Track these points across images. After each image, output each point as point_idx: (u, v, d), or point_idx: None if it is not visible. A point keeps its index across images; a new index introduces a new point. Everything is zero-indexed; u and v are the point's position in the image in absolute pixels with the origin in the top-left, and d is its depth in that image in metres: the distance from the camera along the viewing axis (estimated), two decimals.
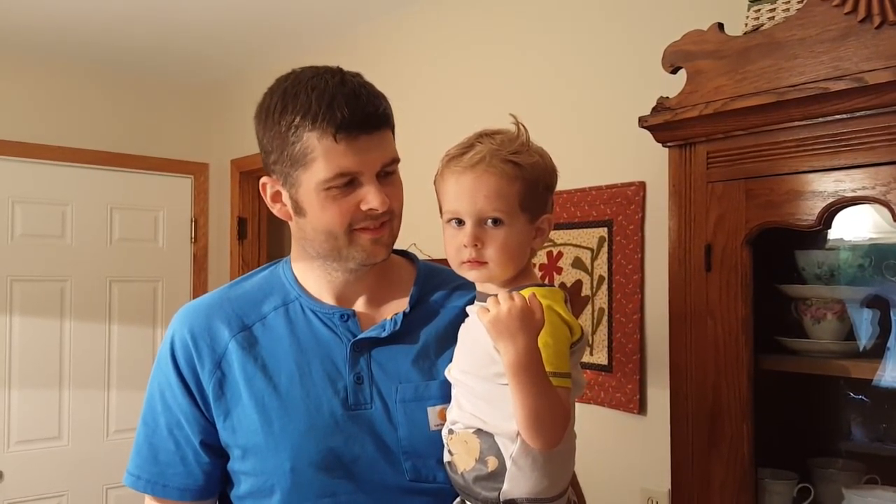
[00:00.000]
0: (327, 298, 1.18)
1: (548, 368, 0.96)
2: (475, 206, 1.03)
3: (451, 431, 1.07)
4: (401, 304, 1.19)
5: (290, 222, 1.18)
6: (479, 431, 1.03)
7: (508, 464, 1.00)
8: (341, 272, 1.17)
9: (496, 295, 0.99)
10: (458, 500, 1.08)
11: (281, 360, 1.14)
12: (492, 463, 1.01)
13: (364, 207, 1.08)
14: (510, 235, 1.04)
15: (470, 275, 1.07)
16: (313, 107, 1.05)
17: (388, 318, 1.17)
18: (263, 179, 1.16)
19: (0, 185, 3.26)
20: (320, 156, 1.05)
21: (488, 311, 0.96)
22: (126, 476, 1.20)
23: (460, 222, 1.05)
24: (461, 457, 1.05)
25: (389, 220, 1.12)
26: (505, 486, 1.01)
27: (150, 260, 3.64)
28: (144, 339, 3.55)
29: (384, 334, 1.15)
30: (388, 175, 1.12)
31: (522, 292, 0.99)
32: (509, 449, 1.00)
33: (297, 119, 1.06)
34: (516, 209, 1.04)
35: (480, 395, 1.04)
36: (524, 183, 1.04)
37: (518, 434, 0.99)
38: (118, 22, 2.94)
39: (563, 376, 0.98)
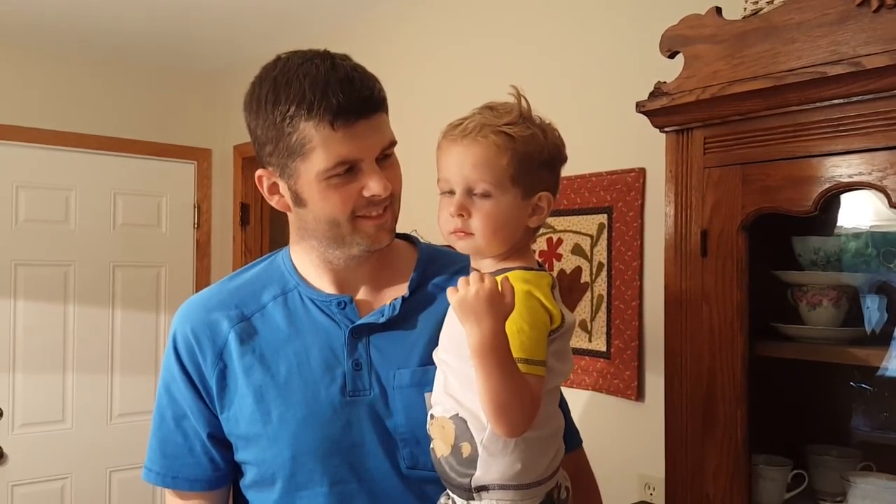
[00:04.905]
0: (327, 286, 1.18)
1: (520, 355, 0.94)
2: (462, 175, 1.02)
3: (432, 416, 1.06)
4: (400, 290, 1.18)
5: (288, 213, 1.17)
6: (455, 417, 1.01)
7: (479, 449, 0.98)
8: (343, 258, 1.15)
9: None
10: (446, 490, 1.07)
11: (279, 349, 1.14)
12: (465, 449, 1.00)
13: (367, 194, 1.07)
14: (497, 208, 1.02)
15: (458, 245, 1.06)
16: (307, 95, 1.02)
17: (387, 303, 1.16)
18: (259, 172, 1.15)
19: (4, 169, 3.27)
20: (318, 145, 1.04)
21: (457, 291, 0.95)
22: (142, 471, 1.22)
23: (452, 193, 1.04)
24: (438, 443, 1.04)
25: (390, 203, 1.12)
26: (476, 472, 0.99)
27: (154, 245, 3.65)
28: (147, 324, 3.57)
29: (382, 320, 1.14)
30: (386, 158, 1.11)
31: (508, 275, 0.98)
32: (480, 435, 0.98)
33: (292, 109, 1.03)
34: (505, 182, 1.02)
35: (457, 377, 1.02)
36: (515, 155, 1.01)
37: None
38: (122, 7, 2.93)
39: (535, 364, 0.95)
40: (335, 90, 1.02)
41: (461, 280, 0.96)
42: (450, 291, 0.96)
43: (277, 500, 1.12)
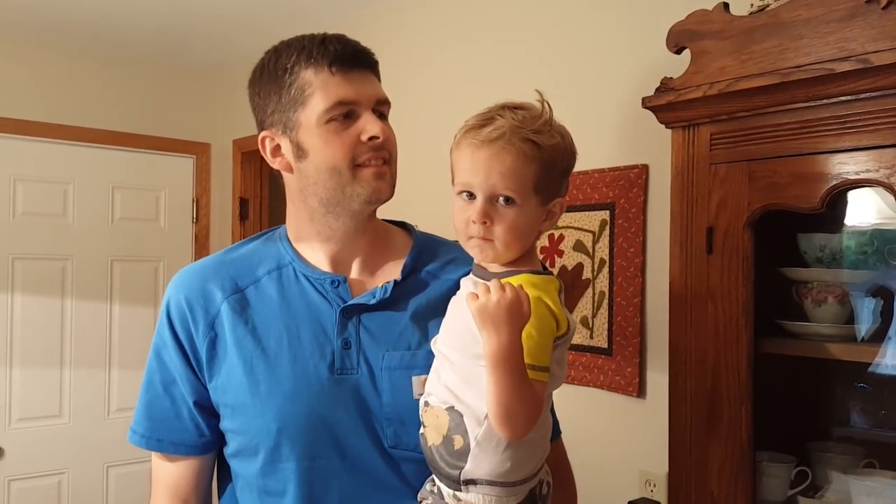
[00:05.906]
0: (322, 264, 1.20)
1: (527, 360, 0.94)
2: (488, 182, 1.00)
3: (426, 403, 1.07)
4: (393, 273, 1.20)
5: (290, 175, 1.19)
6: (451, 409, 1.02)
7: (472, 444, 1.00)
8: (341, 221, 1.17)
9: (491, 276, 0.98)
10: (432, 476, 1.08)
11: (271, 323, 1.16)
12: (457, 442, 1.01)
13: (364, 137, 1.12)
14: (520, 216, 1.02)
15: (475, 251, 1.05)
16: (307, 46, 1.13)
17: (380, 285, 1.18)
18: (262, 134, 1.19)
19: (2, 163, 3.25)
20: (318, 89, 1.11)
21: (477, 297, 0.94)
22: (128, 433, 1.24)
23: (471, 196, 1.02)
24: (430, 431, 1.05)
25: (389, 160, 1.15)
26: (467, 466, 1.00)
27: (152, 240, 3.63)
28: (145, 318, 3.54)
29: (373, 301, 1.16)
30: (382, 117, 1.16)
31: (516, 278, 0.98)
32: (475, 431, 0.99)
33: (293, 59, 1.13)
34: (529, 190, 1.01)
35: (458, 372, 1.03)
36: (541, 164, 1.01)
37: (486, 417, 0.98)
38: (122, 2, 2.92)
39: (541, 370, 0.96)
40: (332, 41, 1.13)
41: (482, 287, 0.96)
42: (469, 298, 0.96)
43: (259, 471, 1.14)
